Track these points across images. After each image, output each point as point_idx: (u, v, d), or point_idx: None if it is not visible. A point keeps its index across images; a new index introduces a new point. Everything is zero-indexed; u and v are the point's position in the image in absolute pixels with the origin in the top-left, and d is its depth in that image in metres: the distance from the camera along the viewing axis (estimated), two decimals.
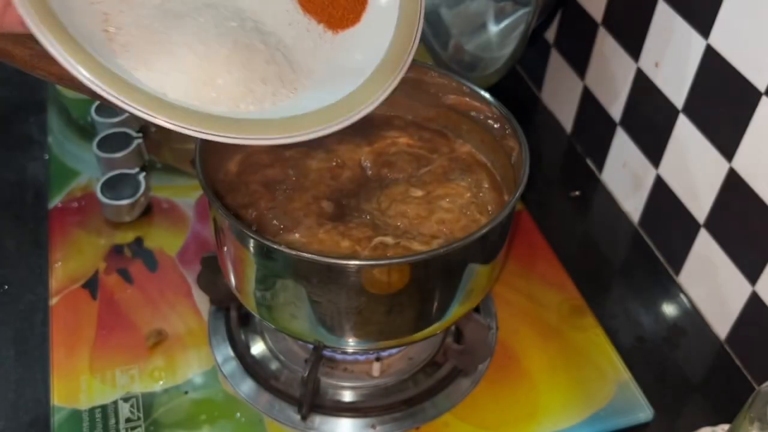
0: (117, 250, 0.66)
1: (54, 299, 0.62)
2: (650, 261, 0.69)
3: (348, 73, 0.43)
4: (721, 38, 0.56)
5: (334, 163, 0.57)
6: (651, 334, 0.63)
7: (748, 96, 0.54)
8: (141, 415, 0.55)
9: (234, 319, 0.60)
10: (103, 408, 0.55)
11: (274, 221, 0.51)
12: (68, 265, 0.65)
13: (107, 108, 0.74)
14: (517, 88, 0.88)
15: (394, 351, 0.58)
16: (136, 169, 0.71)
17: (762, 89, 0.53)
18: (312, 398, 0.54)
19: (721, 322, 0.62)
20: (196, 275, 0.62)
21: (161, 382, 0.57)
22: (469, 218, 0.53)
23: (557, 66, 0.81)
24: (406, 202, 0.53)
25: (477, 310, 0.61)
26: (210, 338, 0.60)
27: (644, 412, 0.57)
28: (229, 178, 0.55)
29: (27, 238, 0.68)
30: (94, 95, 0.36)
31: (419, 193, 0.54)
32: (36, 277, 0.64)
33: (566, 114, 0.81)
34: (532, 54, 0.83)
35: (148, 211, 0.70)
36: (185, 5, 0.41)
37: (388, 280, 0.47)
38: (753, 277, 0.57)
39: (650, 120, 0.67)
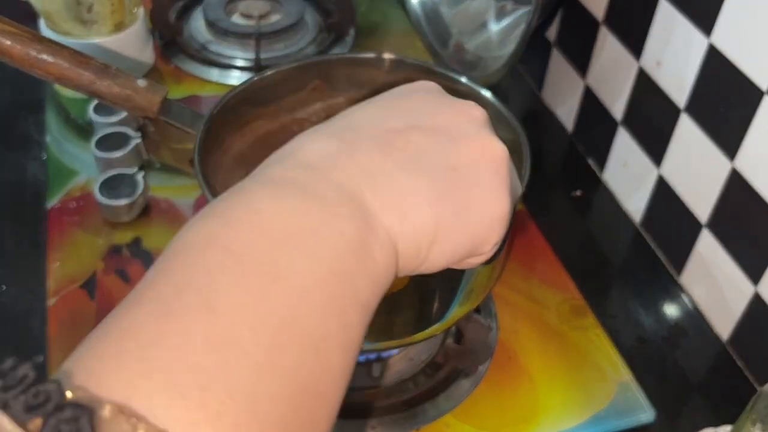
0: (115, 251, 0.66)
1: (52, 299, 0.62)
2: (652, 261, 0.69)
3: None
4: (724, 37, 0.56)
5: None
6: (652, 334, 0.63)
7: (751, 95, 0.54)
8: None
9: None
10: None
11: None
12: (66, 265, 0.64)
13: (106, 107, 0.74)
14: (517, 88, 0.87)
15: (394, 352, 0.58)
16: (135, 169, 0.70)
17: (765, 88, 0.53)
18: None
19: (723, 322, 0.62)
20: None
21: None
22: None
23: (558, 65, 0.81)
24: None
25: (477, 310, 0.60)
26: None
27: (645, 413, 0.56)
28: (229, 174, 0.55)
29: (25, 239, 0.67)
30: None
31: None
32: (34, 278, 0.64)
33: (567, 113, 0.81)
34: (532, 53, 0.83)
35: (147, 212, 0.70)
36: None
37: None
38: (755, 278, 0.57)
39: (652, 119, 0.67)
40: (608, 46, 0.71)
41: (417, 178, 0.33)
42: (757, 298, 0.57)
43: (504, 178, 0.36)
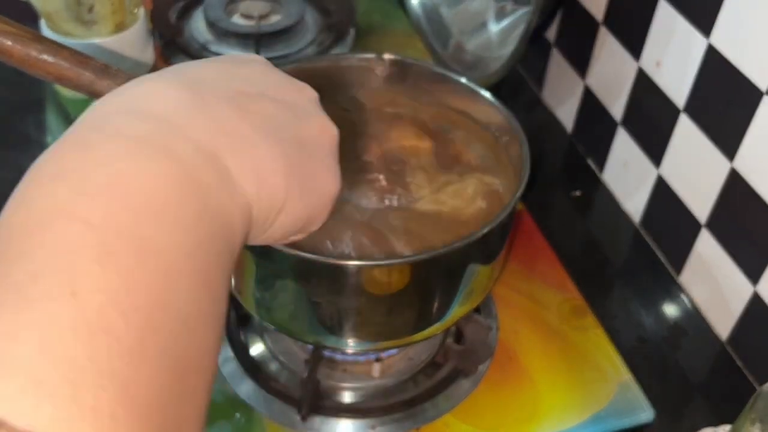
0: None
1: None
2: (651, 261, 0.69)
3: None
4: (723, 37, 0.56)
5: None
6: (652, 334, 0.63)
7: (750, 95, 0.54)
8: None
9: (233, 320, 0.60)
10: None
11: None
12: None
13: None
14: (517, 88, 0.87)
15: (394, 351, 0.58)
16: None
17: (764, 89, 0.53)
18: (312, 399, 0.53)
19: (723, 322, 0.62)
20: None
21: None
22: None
23: (558, 65, 0.81)
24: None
25: (477, 310, 0.60)
26: None
27: (645, 413, 0.56)
28: None
29: None
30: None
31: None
32: None
33: (567, 113, 0.81)
34: (532, 53, 0.83)
35: None
36: None
37: (388, 280, 0.46)
38: (755, 278, 0.57)
39: (651, 120, 0.67)
40: (608, 47, 0.71)
41: (273, 145, 0.32)
42: (756, 298, 0.57)
43: (336, 158, 0.37)
